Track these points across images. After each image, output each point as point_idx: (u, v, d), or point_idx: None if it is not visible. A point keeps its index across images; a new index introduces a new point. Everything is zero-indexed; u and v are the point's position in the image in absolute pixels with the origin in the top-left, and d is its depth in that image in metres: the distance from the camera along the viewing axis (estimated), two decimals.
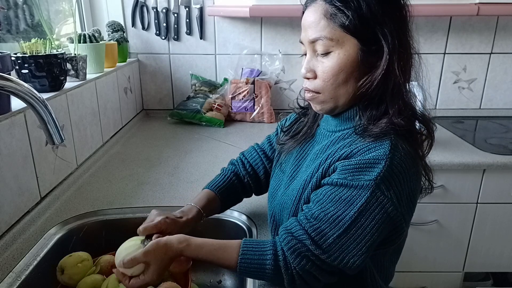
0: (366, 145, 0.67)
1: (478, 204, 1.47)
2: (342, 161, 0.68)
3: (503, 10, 1.61)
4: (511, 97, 1.93)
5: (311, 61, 0.71)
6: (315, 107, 0.75)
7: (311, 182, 0.72)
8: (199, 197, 0.89)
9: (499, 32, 1.83)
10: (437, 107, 1.94)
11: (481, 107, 1.95)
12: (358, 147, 0.67)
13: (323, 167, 0.71)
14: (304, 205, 0.71)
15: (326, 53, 0.69)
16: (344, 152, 0.69)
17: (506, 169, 1.39)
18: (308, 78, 0.72)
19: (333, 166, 0.69)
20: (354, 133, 0.72)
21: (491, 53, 1.86)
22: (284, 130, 0.90)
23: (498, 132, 1.69)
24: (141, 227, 0.76)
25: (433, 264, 1.58)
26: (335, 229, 0.64)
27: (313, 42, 0.69)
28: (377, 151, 0.65)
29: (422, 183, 0.72)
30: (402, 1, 0.69)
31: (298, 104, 0.89)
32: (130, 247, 0.73)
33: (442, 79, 1.90)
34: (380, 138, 0.66)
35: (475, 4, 1.58)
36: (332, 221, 0.64)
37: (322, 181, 0.69)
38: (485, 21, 1.80)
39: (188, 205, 0.86)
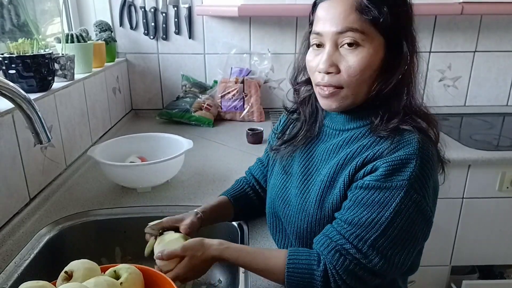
0: (392, 144, 0.66)
1: (464, 199, 1.50)
2: (371, 163, 0.67)
3: (486, 9, 1.64)
4: (495, 94, 1.98)
5: (333, 55, 0.68)
6: (331, 105, 0.72)
7: (333, 186, 0.71)
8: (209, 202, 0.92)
9: (482, 31, 1.87)
10: (423, 105, 1.98)
11: (466, 104, 1.99)
12: (383, 146, 0.67)
13: (348, 172, 0.69)
14: (337, 213, 0.70)
15: (354, 47, 0.67)
16: (369, 154, 0.68)
17: (491, 165, 1.43)
18: (328, 73, 0.69)
19: (360, 171, 0.68)
20: (368, 132, 0.71)
21: (475, 51, 1.90)
22: (278, 136, 0.88)
23: (483, 129, 1.73)
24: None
25: (421, 259, 1.60)
26: (371, 232, 0.64)
27: (341, 33, 0.67)
28: (406, 149, 0.65)
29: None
30: (409, 2, 0.70)
31: (285, 108, 0.89)
32: (171, 242, 0.75)
33: (428, 77, 1.93)
34: (402, 134, 0.67)
35: (459, 3, 1.61)
36: (367, 225, 0.64)
37: (352, 186, 0.69)
38: (469, 20, 1.84)
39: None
